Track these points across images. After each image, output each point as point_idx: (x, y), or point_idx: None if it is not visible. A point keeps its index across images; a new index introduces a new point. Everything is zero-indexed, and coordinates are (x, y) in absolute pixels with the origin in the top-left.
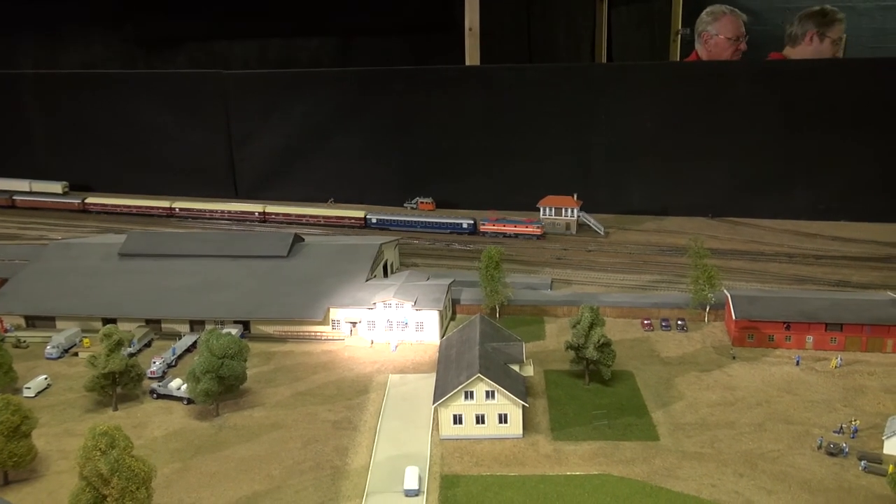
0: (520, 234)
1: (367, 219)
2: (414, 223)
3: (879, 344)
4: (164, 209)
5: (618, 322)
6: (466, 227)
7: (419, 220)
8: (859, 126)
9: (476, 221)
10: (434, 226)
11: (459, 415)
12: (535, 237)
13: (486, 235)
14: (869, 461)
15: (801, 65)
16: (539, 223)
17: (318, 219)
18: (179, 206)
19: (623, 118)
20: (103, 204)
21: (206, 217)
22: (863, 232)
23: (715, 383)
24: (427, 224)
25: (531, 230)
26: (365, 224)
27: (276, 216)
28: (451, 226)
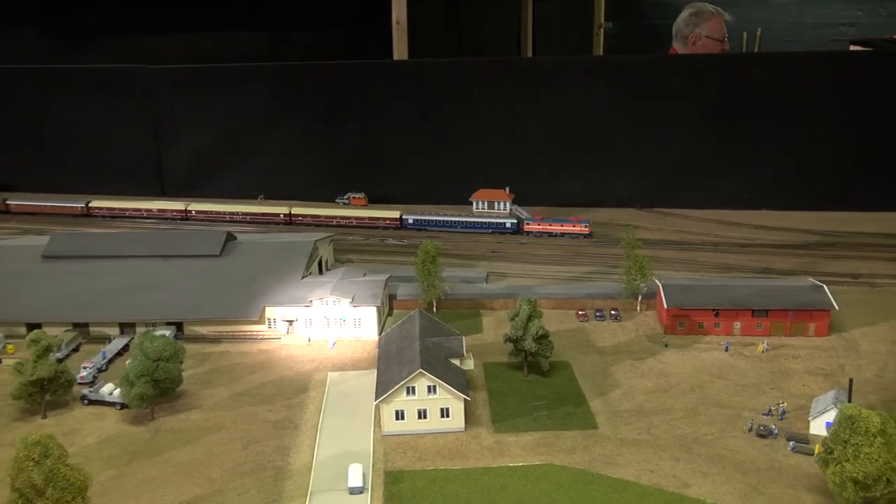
0: (567, 233)
1: (404, 219)
2: (454, 223)
3: (802, 328)
4: (105, 209)
5: (553, 313)
6: (510, 226)
7: (459, 220)
8: (779, 118)
9: (520, 221)
10: (475, 225)
11: (401, 410)
12: (583, 236)
13: (531, 235)
14: (797, 441)
15: (724, 59)
16: (587, 222)
17: (335, 218)
18: (125, 207)
19: (554, 112)
20: (27, 205)
21: (168, 217)
22: (784, 220)
23: (649, 371)
24: (469, 224)
25: (579, 229)
26: (401, 224)
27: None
28: (493, 225)
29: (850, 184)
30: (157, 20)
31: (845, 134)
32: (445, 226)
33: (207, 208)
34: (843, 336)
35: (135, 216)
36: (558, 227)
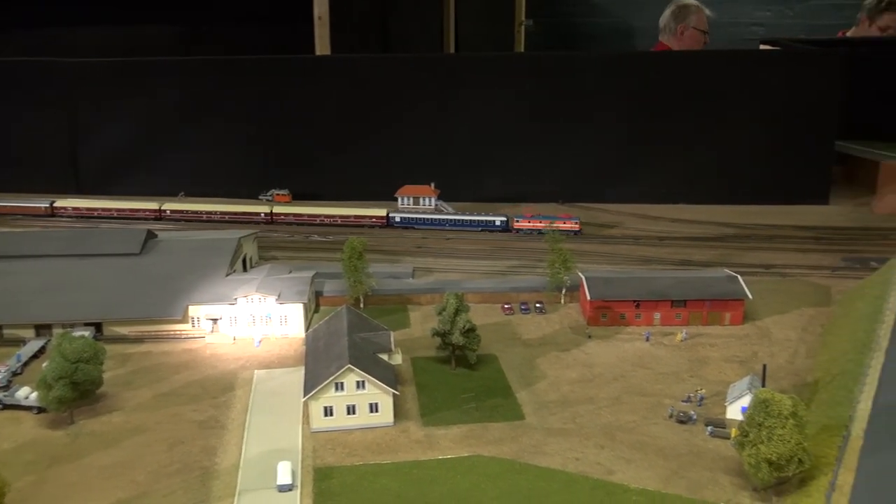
0: (556, 230)
1: (391, 217)
2: (442, 221)
3: (718, 317)
4: (70, 209)
5: (480, 307)
6: (499, 224)
7: (447, 219)
8: (695, 114)
9: (509, 218)
10: (464, 224)
11: (330, 406)
12: (573, 233)
13: (520, 233)
14: (714, 426)
15: (641, 56)
16: (577, 219)
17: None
18: (93, 207)
19: (477, 108)
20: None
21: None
22: (701, 213)
23: (574, 362)
24: (457, 222)
25: (569, 226)
26: (388, 223)
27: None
28: (482, 223)
29: (761, 178)
30: (73, 12)
31: (757, 130)
32: (434, 224)
33: (184, 207)
34: (757, 324)
35: (103, 216)
36: (548, 224)
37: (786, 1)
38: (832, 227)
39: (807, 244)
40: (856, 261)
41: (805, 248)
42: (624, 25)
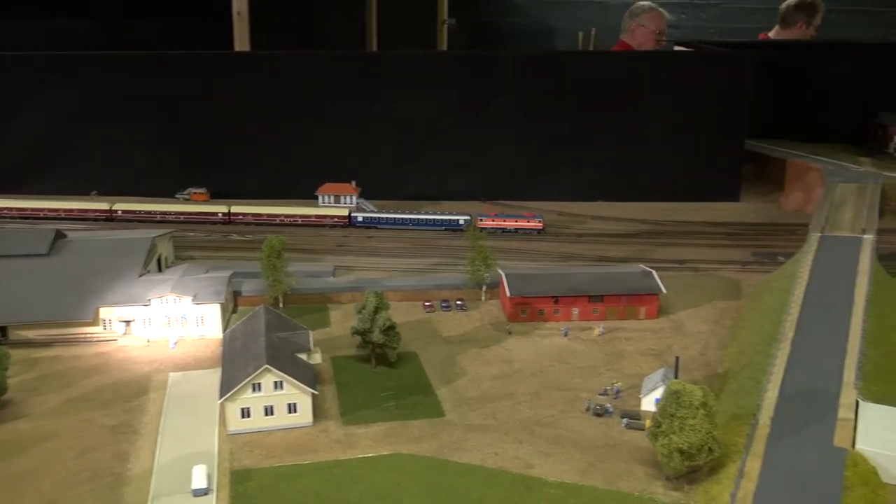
0: (521, 228)
1: (353, 217)
2: (405, 221)
3: (634, 312)
4: (15, 210)
5: (401, 305)
6: (462, 223)
7: (410, 218)
8: (612, 114)
9: (472, 217)
10: (427, 223)
11: (247, 408)
12: (536, 231)
13: (484, 231)
14: (630, 418)
15: (558, 57)
16: (540, 217)
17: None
18: (39, 207)
19: (400, 106)
20: None
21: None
22: (617, 211)
23: (494, 358)
24: (420, 222)
25: (533, 224)
26: (350, 222)
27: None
28: (445, 223)
29: (675, 176)
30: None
31: (671, 129)
32: (396, 223)
33: (136, 208)
34: (671, 318)
35: (50, 216)
36: (512, 222)
37: (699, 4)
38: (743, 223)
39: (719, 240)
40: (764, 255)
41: (717, 244)
42: (544, 26)
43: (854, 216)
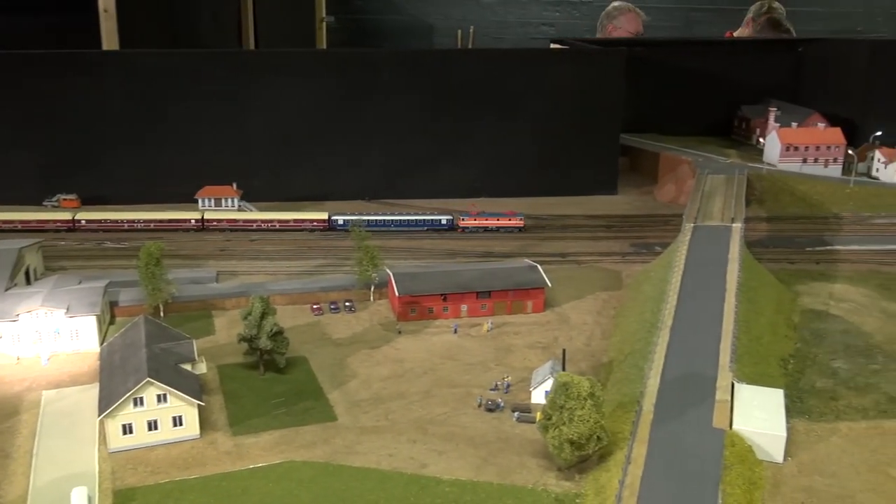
0: (502, 227)
1: (333, 220)
2: (387, 222)
3: (521, 306)
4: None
5: (288, 309)
6: (445, 223)
7: (392, 220)
8: (492, 110)
9: (455, 217)
10: (409, 224)
11: (129, 424)
12: (517, 230)
13: (466, 231)
14: (521, 412)
15: (438, 54)
16: (521, 215)
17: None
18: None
19: (279, 105)
20: None
21: None
22: (501, 206)
23: (384, 358)
24: (402, 223)
25: (514, 223)
26: (329, 226)
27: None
28: (428, 223)
29: (555, 171)
30: None
31: (550, 125)
32: (378, 225)
33: (102, 217)
34: (556, 311)
35: (5, 229)
36: (494, 221)
37: (572, 2)
38: (620, 215)
39: (598, 232)
40: (642, 246)
41: (597, 236)
42: (423, 24)
43: (723, 206)
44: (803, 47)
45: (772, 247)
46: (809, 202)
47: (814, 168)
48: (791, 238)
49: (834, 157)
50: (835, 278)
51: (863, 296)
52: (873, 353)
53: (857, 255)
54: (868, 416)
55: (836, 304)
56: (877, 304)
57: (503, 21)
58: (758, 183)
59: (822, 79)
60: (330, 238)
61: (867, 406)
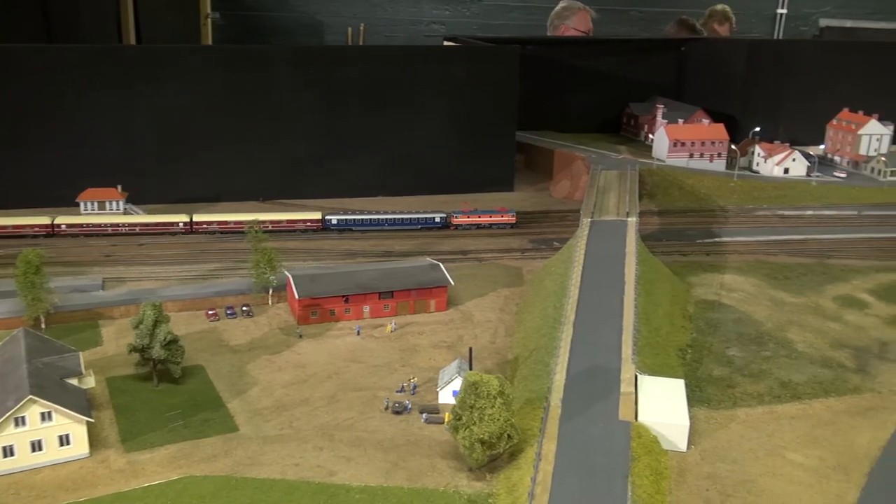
0: (494, 223)
1: (327, 220)
2: (381, 221)
3: (424, 305)
4: None
5: (181, 316)
6: (439, 220)
7: (387, 218)
8: (389, 108)
9: (448, 215)
10: (404, 222)
11: (10, 445)
12: (509, 226)
13: (458, 228)
14: (429, 413)
15: (332, 51)
16: (513, 212)
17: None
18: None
19: (165, 103)
20: None
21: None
22: (398, 205)
23: (286, 364)
24: (396, 221)
25: (506, 219)
26: (324, 226)
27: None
28: (422, 221)
29: (453, 168)
30: None
31: (446, 123)
32: (372, 224)
33: (81, 221)
34: (460, 309)
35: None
36: (487, 218)
37: (462, 1)
38: (518, 211)
39: (498, 229)
40: (541, 242)
41: (496, 233)
42: (313, 21)
43: (618, 201)
44: (686, 47)
45: (664, 240)
46: (697, 196)
47: (700, 163)
48: (682, 231)
49: (718, 153)
50: (724, 269)
51: (752, 285)
52: (764, 340)
53: (743, 246)
54: (763, 401)
55: (727, 294)
56: (765, 293)
57: (394, 19)
58: (649, 178)
59: (703, 77)
60: (224, 240)
61: (762, 392)
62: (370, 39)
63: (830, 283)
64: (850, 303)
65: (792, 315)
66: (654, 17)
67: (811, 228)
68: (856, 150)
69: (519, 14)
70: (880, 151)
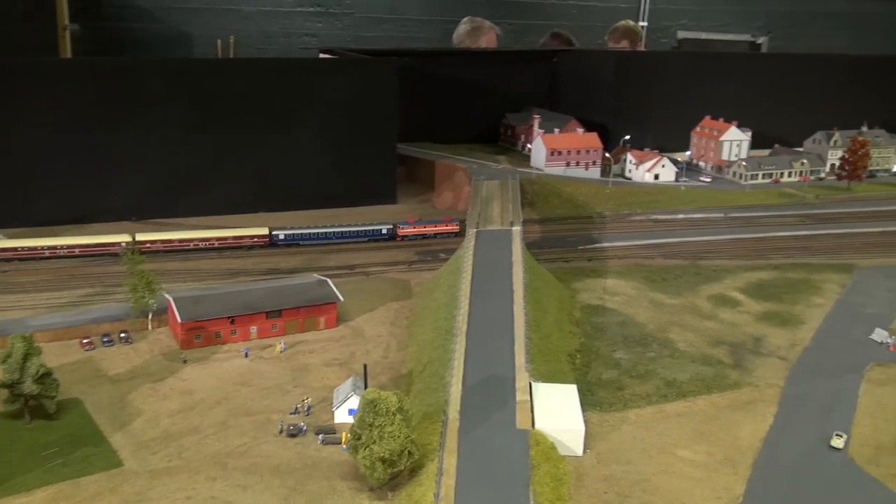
0: (439, 233)
1: (274, 235)
2: (329, 234)
3: (314, 323)
4: None
5: (53, 346)
6: (386, 232)
7: (334, 232)
8: (266, 122)
9: (394, 226)
10: (351, 235)
11: None
12: (454, 235)
13: (405, 239)
14: (325, 433)
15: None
16: (456, 221)
17: None
18: None
19: (21, 120)
20: None
21: None
22: (281, 220)
23: (171, 391)
24: (343, 234)
25: (450, 228)
26: (271, 241)
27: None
28: (368, 233)
29: (335, 182)
30: None
31: (326, 135)
32: (319, 238)
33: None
34: (350, 325)
35: None
36: (432, 228)
37: (334, 13)
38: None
39: (384, 242)
40: (427, 254)
41: (382, 247)
42: (179, 33)
43: (501, 210)
44: (557, 58)
45: (547, 247)
46: (576, 203)
47: (576, 171)
48: (563, 238)
49: (593, 160)
50: (606, 274)
51: (632, 288)
52: (648, 341)
53: (622, 251)
54: (651, 401)
55: (610, 298)
56: (645, 296)
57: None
58: (529, 187)
59: (575, 87)
60: (96, 264)
61: (650, 392)
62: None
63: (704, 283)
64: (724, 301)
65: (672, 316)
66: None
67: (683, 231)
68: (718, 156)
69: (392, 26)
70: (740, 156)
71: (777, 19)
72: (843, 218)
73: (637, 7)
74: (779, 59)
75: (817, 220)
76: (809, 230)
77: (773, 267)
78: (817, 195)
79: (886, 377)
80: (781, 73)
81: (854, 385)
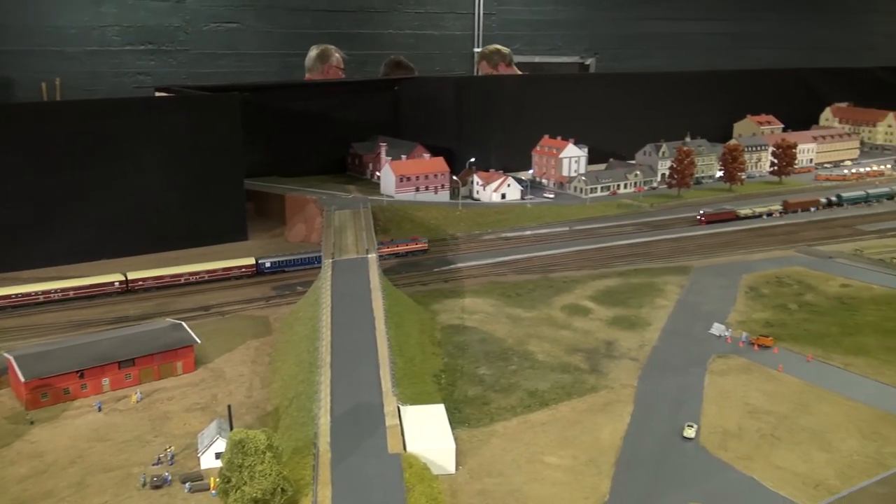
0: (410, 251)
1: (260, 264)
2: (312, 259)
3: (171, 369)
4: None
5: None
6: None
7: (318, 256)
8: (107, 164)
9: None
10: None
11: None
12: (422, 252)
13: (383, 258)
14: (192, 481)
15: (32, 108)
16: (424, 239)
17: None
18: None
19: None
20: None
21: None
22: (127, 265)
23: (18, 456)
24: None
25: (420, 246)
26: (258, 270)
27: None
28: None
29: (183, 223)
30: None
31: (170, 176)
32: (304, 263)
33: None
34: (209, 367)
35: None
36: (404, 246)
37: (167, 51)
38: None
39: (238, 280)
40: (284, 288)
41: (237, 284)
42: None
43: (356, 239)
44: (398, 86)
45: (403, 272)
46: (428, 227)
47: (426, 195)
48: (419, 262)
49: (441, 184)
50: (463, 293)
51: (490, 305)
52: (508, 355)
53: (476, 270)
54: (516, 412)
55: (469, 317)
56: (502, 311)
57: (94, 72)
58: (381, 214)
59: (418, 113)
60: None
61: (514, 404)
62: (68, 94)
63: (556, 294)
64: (576, 310)
65: (529, 328)
66: (363, 59)
67: (532, 247)
68: (559, 172)
69: (228, 61)
70: (579, 172)
71: (602, 42)
72: (676, 223)
73: (472, 34)
74: (605, 79)
75: (653, 227)
76: (647, 237)
77: (618, 274)
78: (651, 204)
79: (727, 367)
80: (610, 91)
81: (699, 377)
